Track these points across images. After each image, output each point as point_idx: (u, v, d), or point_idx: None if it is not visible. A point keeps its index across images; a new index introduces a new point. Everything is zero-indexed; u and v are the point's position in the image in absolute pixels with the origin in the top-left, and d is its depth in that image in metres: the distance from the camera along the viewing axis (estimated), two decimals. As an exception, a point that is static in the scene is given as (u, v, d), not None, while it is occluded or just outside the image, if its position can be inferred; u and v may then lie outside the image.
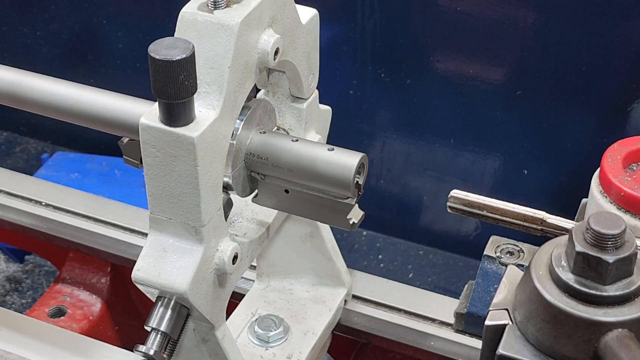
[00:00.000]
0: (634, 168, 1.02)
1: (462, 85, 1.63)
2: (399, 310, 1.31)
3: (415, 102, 1.70)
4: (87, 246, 1.45)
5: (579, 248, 0.79)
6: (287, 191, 1.04)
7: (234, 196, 1.03)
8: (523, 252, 1.08)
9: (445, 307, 1.29)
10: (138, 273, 0.97)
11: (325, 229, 1.23)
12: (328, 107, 1.16)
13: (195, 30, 0.92)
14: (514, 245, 1.09)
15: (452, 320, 1.20)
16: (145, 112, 0.92)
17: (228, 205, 1.02)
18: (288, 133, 1.11)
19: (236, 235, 1.07)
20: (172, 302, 0.99)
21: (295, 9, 1.03)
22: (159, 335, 0.97)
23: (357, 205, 1.03)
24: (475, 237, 1.83)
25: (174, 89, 0.87)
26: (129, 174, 1.94)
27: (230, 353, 1.07)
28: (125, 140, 1.04)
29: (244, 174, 1.02)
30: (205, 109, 0.92)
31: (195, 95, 0.90)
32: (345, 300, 1.30)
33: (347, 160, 0.98)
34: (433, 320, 1.29)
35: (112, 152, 1.91)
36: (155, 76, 0.87)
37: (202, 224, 0.95)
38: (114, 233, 1.45)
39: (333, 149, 0.99)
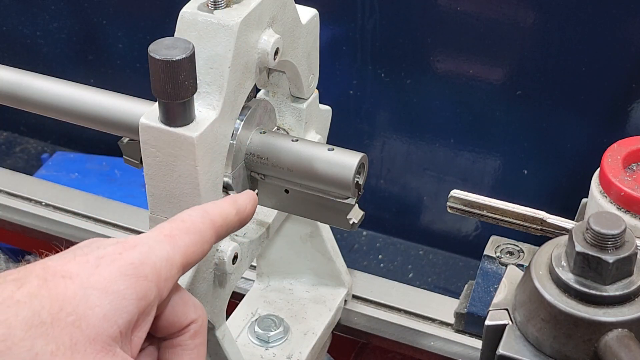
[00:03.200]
0: (634, 168, 1.02)
1: (462, 85, 1.63)
2: (398, 310, 1.31)
3: (415, 102, 1.70)
4: (87, 246, 1.44)
5: (579, 248, 0.79)
6: (287, 191, 1.04)
7: (234, 196, 1.03)
8: (523, 252, 1.08)
9: (445, 307, 1.29)
10: (138, 273, 0.97)
11: (325, 229, 1.23)
12: (328, 107, 1.16)
13: (195, 30, 0.92)
14: (514, 245, 1.09)
15: (452, 320, 1.20)
16: (145, 112, 0.92)
17: (228, 205, 1.02)
18: (288, 133, 1.11)
19: (236, 235, 1.07)
20: (172, 302, 0.99)
21: (295, 9, 1.03)
22: (159, 335, 0.97)
23: (357, 205, 1.03)
24: (475, 237, 1.83)
25: (174, 89, 0.87)
26: (129, 174, 1.94)
27: (230, 353, 1.07)
28: (125, 140, 1.04)
29: (244, 174, 1.02)
30: (205, 109, 0.92)
31: (195, 95, 0.90)
32: (345, 300, 1.30)
33: (347, 160, 0.98)
34: (433, 320, 1.29)
35: (112, 152, 1.91)
36: (155, 76, 0.87)
37: (202, 224, 0.95)
38: (114, 233, 1.45)
39: (333, 149, 0.99)
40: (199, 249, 0.78)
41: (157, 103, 0.91)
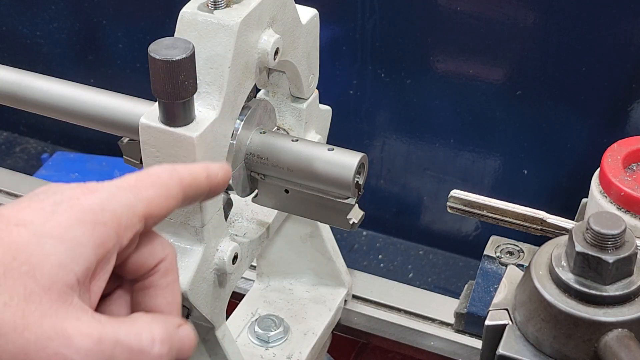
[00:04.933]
0: (634, 168, 1.02)
1: (462, 85, 1.63)
2: (398, 310, 1.31)
3: (415, 102, 1.70)
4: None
5: (579, 248, 0.79)
6: (287, 191, 1.04)
7: (234, 196, 1.03)
8: (523, 252, 1.08)
9: (445, 307, 1.29)
10: (138, 273, 0.97)
11: (325, 229, 1.23)
12: (328, 107, 1.16)
13: (195, 30, 0.92)
14: (514, 245, 1.10)
15: (452, 320, 1.21)
16: (145, 112, 0.92)
17: (228, 205, 1.02)
18: (288, 133, 1.11)
19: (236, 235, 1.07)
20: (172, 302, 0.99)
21: (295, 9, 1.03)
22: (159, 335, 0.97)
23: (357, 205, 1.03)
24: (475, 237, 1.83)
25: (174, 89, 0.87)
26: (129, 174, 1.94)
27: (230, 353, 1.07)
28: (125, 140, 1.04)
29: (244, 174, 1.02)
30: (205, 109, 0.92)
31: (195, 95, 0.90)
32: (345, 300, 1.30)
33: (347, 160, 0.98)
34: (433, 320, 1.29)
35: (112, 152, 1.91)
36: (155, 76, 0.87)
37: (202, 224, 0.95)
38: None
39: (333, 149, 0.99)
40: (163, 203, 0.75)
41: (157, 103, 0.91)
